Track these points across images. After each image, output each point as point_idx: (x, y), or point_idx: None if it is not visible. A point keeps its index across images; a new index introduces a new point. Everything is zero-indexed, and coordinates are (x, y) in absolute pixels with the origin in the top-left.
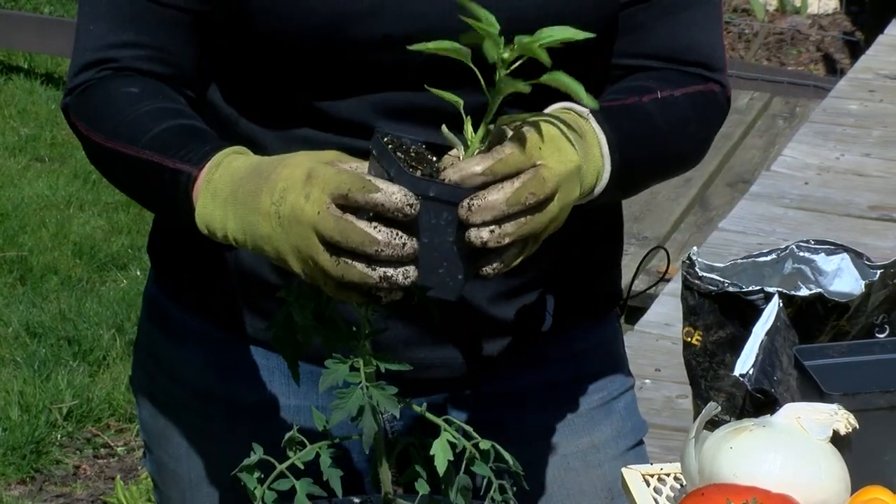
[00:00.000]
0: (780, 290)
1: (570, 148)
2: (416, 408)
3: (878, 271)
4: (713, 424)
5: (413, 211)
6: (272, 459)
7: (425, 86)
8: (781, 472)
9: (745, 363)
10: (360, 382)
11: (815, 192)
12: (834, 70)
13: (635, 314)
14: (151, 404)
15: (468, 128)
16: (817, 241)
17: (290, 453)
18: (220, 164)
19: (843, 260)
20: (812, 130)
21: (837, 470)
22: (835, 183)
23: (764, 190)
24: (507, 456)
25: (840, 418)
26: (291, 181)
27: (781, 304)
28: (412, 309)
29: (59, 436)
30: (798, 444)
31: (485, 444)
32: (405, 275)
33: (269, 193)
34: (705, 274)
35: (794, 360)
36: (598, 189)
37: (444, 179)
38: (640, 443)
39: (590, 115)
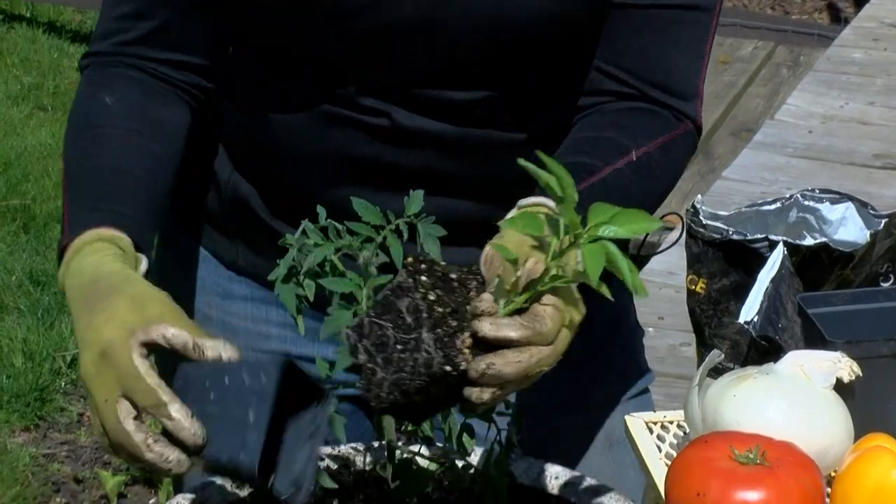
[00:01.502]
0: (784, 238)
1: (579, 306)
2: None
3: (883, 220)
4: (717, 372)
5: (197, 450)
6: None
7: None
8: (785, 419)
9: (749, 310)
10: None
11: (819, 140)
12: (838, 19)
13: (639, 263)
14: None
15: (516, 285)
16: (822, 190)
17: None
18: (69, 262)
19: (848, 209)
20: (816, 79)
21: (840, 418)
22: (839, 132)
23: (767, 139)
24: (509, 401)
25: (843, 366)
26: (93, 347)
27: (786, 252)
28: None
29: (63, 383)
30: (801, 391)
31: None
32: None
33: (82, 340)
34: (709, 222)
35: (797, 307)
36: None
37: (477, 332)
38: (646, 391)
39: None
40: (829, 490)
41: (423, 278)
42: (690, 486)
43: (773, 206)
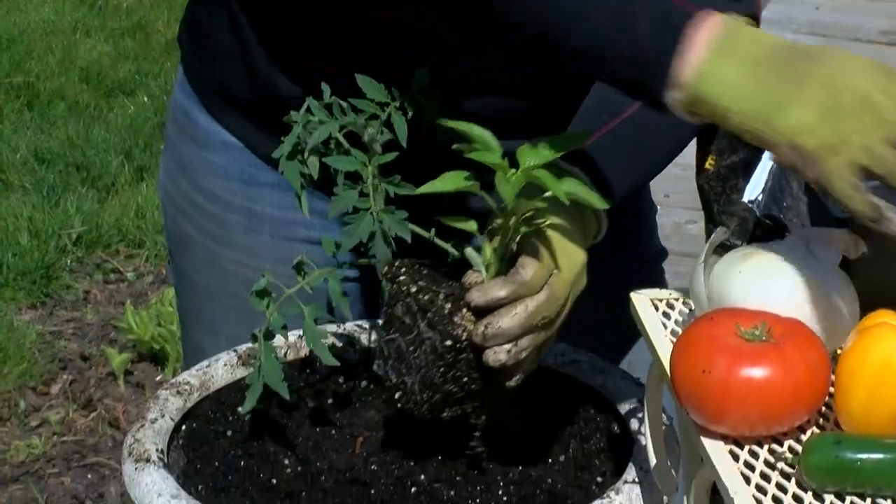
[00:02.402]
0: None
1: (575, 248)
2: (426, 233)
3: None
4: (724, 249)
5: None
6: (281, 284)
7: (440, 219)
8: (791, 296)
9: (754, 189)
10: (370, 207)
11: (826, 17)
12: None
13: None
14: (174, 210)
15: (486, 249)
16: None
17: (299, 278)
18: (736, 26)
19: None
20: None
21: (846, 295)
22: (846, 8)
23: (774, 16)
24: None
25: (850, 243)
26: (875, 72)
27: None
28: (420, 144)
29: (68, 261)
30: (807, 268)
31: None
32: None
33: (824, 76)
34: None
35: (804, 185)
36: (597, 240)
37: (469, 302)
38: (660, 269)
39: (580, 172)
40: (834, 366)
41: (402, 278)
42: (696, 363)
43: None
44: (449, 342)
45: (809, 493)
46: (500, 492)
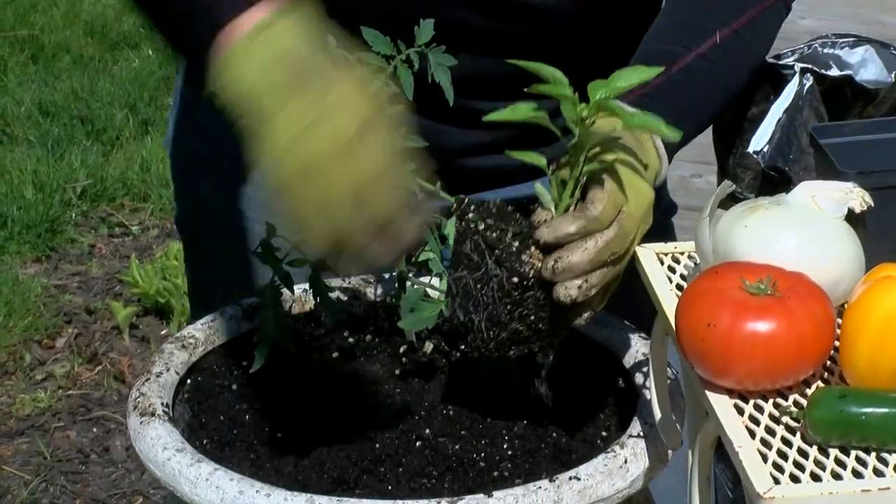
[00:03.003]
0: (811, 67)
1: (644, 185)
2: (430, 186)
3: None
4: (735, 201)
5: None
6: (291, 243)
7: (506, 152)
8: (796, 250)
9: (759, 140)
10: None
11: None
12: None
13: None
14: (191, 172)
15: (554, 186)
16: (837, 35)
17: None
18: (269, 25)
19: (868, 51)
20: None
21: (852, 248)
22: None
23: None
24: None
25: (855, 196)
26: (348, 116)
27: (809, 83)
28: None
29: (73, 215)
30: (813, 222)
31: None
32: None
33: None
34: None
35: (810, 138)
36: (657, 184)
37: (539, 239)
38: (670, 224)
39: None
40: (839, 321)
41: (471, 215)
42: (701, 317)
43: (790, 59)
44: (516, 279)
45: (814, 447)
46: (505, 446)
